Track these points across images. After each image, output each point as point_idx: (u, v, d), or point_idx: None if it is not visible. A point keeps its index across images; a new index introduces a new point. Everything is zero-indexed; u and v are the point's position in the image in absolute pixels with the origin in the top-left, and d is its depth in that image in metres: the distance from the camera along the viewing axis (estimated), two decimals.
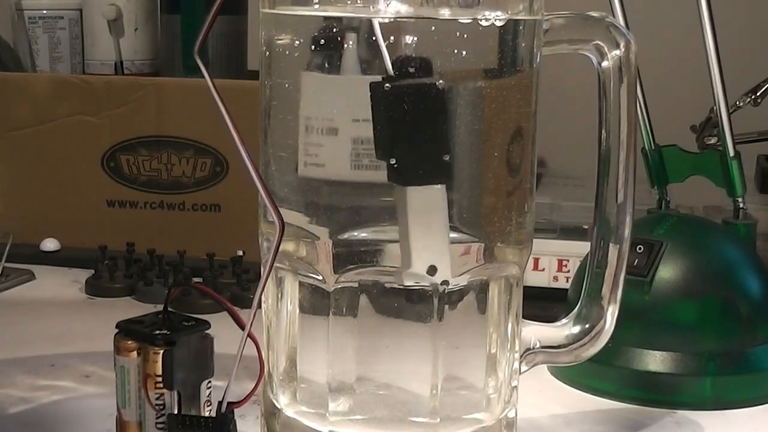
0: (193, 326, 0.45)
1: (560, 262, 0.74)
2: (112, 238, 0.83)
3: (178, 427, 0.44)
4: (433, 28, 0.45)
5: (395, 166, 0.43)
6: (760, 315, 0.59)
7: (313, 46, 0.46)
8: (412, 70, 0.43)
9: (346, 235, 0.46)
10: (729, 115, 0.67)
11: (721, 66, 0.66)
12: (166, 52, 0.95)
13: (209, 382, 0.45)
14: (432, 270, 0.44)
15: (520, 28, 0.47)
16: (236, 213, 0.84)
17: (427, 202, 0.44)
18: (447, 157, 0.43)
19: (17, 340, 0.67)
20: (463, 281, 0.47)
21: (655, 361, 0.58)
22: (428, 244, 0.44)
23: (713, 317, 0.58)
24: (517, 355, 0.50)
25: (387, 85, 0.43)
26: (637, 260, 0.58)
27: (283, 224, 0.43)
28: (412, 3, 0.45)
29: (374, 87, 0.43)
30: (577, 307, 0.52)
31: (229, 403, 0.44)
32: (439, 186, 0.44)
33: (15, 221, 0.85)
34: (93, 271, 0.78)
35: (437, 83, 0.43)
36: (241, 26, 0.94)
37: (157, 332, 0.44)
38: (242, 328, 0.43)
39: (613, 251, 0.51)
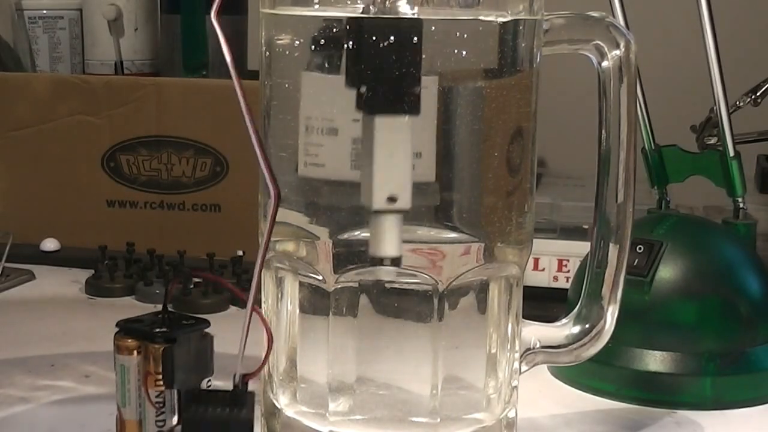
0: (192, 325, 0.45)
1: (560, 262, 0.74)
2: (112, 238, 0.83)
3: (193, 401, 0.44)
4: (433, 27, 0.45)
5: (364, 94, 0.43)
6: (760, 315, 0.59)
7: (313, 46, 0.46)
8: (389, 2, 0.43)
9: (346, 235, 0.46)
10: (729, 115, 0.67)
11: (721, 66, 0.66)
12: (166, 52, 0.95)
13: (209, 380, 0.45)
14: (392, 200, 0.43)
15: (520, 28, 0.47)
16: (236, 213, 0.84)
17: (393, 133, 0.43)
18: (418, 90, 0.43)
19: (17, 340, 0.67)
20: (462, 281, 0.47)
21: (655, 361, 0.58)
22: (391, 175, 0.43)
23: (713, 317, 0.58)
24: (517, 355, 0.50)
25: (364, 15, 0.42)
26: (637, 260, 0.58)
27: (278, 192, 0.42)
28: (412, 3, 0.45)
29: (351, 20, 0.43)
30: (577, 307, 0.52)
31: (242, 375, 0.44)
32: (406, 117, 0.43)
33: (15, 221, 0.85)
34: (93, 271, 0.78)
35: (414, 16, 0.43)
36: (241, 26, 0.94)
37: (157, 330, 0.44)
38: (244, 303, 0.43)
39: (613, 251, 0.51)
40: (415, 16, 0.43)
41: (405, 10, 0.44)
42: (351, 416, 0.48)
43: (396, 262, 0.44)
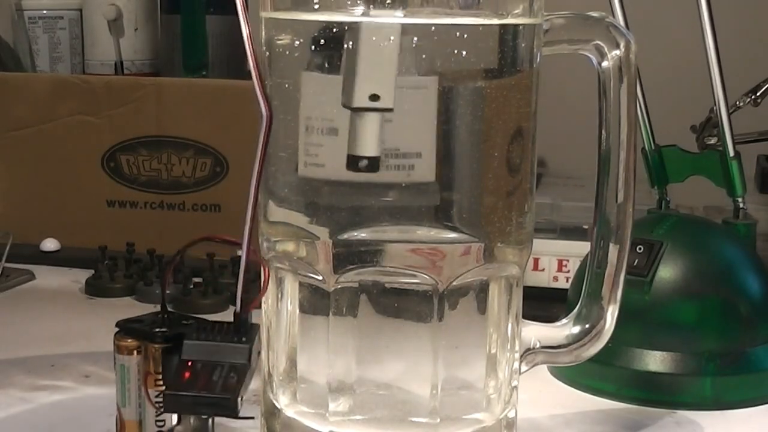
0: (192, 324, 0.45)
1: (560, 262, 0.74)
2: (112, 238, 0.83)
3: (197, 331, 0.44)
4: (434, 28, 0.45)
5: None
6: (760, 315, 0.59)
7: (313, 47, 0.46)
8: None
9: (346, 235, 0.46)
10: (729, 115, 0.67)
11: (721, 66, 0.66)
12: (166, 52, 0.95)
13: None
14: (374, 98, 0.42)
15: (520, 28, 0.47)
16: (236, 213, 0.83)
17: (379, 32, 0.42)
18: None
19: (17, 340, 0.67)
20: (462, 281, 0.47)
21: (655, 361, 0.58)
22: (375, 72, 0.42)
23: (713, 317, 0.58)
24: (517, 355, 0.50)
25: None
26: (637, 260, 0.58)
27: (271, 115, 0.42)
28: (412, 4, 0.45)
29: None
30: (577, 307, 0.52)
31: (243, 305, 0.44)
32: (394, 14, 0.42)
33: (15, 221, 0.85)
34: (93, 271, 0.78)
35: None
36: (241, 26, 0.94)
37: (157, 330, 0.44)
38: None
39: (613, 251, 0.51)
40: None
41: None
42: (351, 416, 0.48)
43: (373, 163, 0.42)
